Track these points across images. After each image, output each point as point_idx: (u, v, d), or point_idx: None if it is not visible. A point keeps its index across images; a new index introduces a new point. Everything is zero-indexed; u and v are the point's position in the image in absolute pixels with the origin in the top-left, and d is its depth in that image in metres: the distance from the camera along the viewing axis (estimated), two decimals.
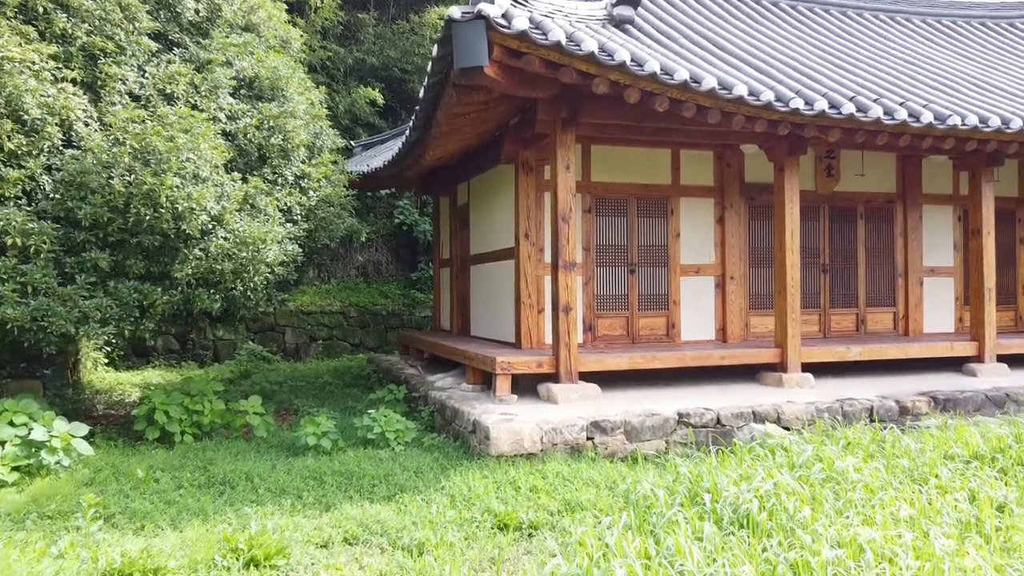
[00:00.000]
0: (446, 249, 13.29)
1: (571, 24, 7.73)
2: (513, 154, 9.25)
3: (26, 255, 6.75)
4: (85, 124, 7.17)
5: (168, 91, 7.76)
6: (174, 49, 8.31)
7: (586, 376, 8.18)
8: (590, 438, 7.00)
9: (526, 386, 8.46)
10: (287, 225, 8.47)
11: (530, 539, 5.13)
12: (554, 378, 8.07)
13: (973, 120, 8.36)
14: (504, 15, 6.68)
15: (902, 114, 8.09)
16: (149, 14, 7.97)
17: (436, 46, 7.08)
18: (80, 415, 9.45)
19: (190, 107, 7.73)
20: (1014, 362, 10.02)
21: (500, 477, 6.15)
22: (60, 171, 6.87)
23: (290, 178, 8.81)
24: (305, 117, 9.05)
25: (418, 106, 8.65)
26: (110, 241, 7.09)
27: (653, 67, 7.06)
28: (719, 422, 7.44)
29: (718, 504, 4.69)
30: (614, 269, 9.81)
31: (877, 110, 7.98)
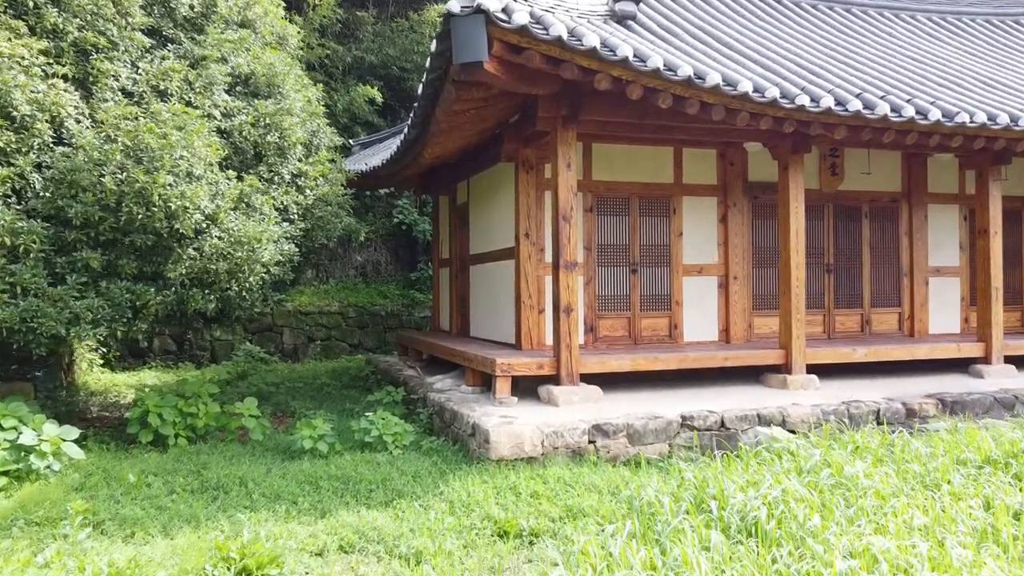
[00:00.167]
0: (445, 249, 13.14)
1: (572, 19, 7.59)
2: (513, 152, 9.11)
3: (15, 255, 6.60)
4: (76, 121, 7.02)
5: (162, 88, 7.61)
6: (168, 45, 8.16)
7: (587, 378, 8.03)
8: (592, 441, 6.85)
9: (526, 388, 8.32)
10: (283, 224, 8.32)
11: (531, 547, 4.99)
12: (555, 380, 7.92)
13: (981, 117, 8.22)
14: (504, 9, 6.53)
15: (909, 111, 7.95)
16: (142, 9, 7.82)
17: (435, 41, 6.93)
18: (74, 417, 9.31)
19: (184, 104, 7.58)
20: (1022, 364, 9.88)
21: (500, 482, 6.00)
22: (50, 169, 6.71)
23: (287, 176, 8.66)
24: (302, 114, 8.91)
25: (416, 103, 8.50)
26: (102, 240, 6.94)
27: (656, 63, 6.92)
28: (723, 425, 7.29)
29: (725, 512, 4.55)
30: (616, 269, 9.67)
31: (884, 107, 7.84)
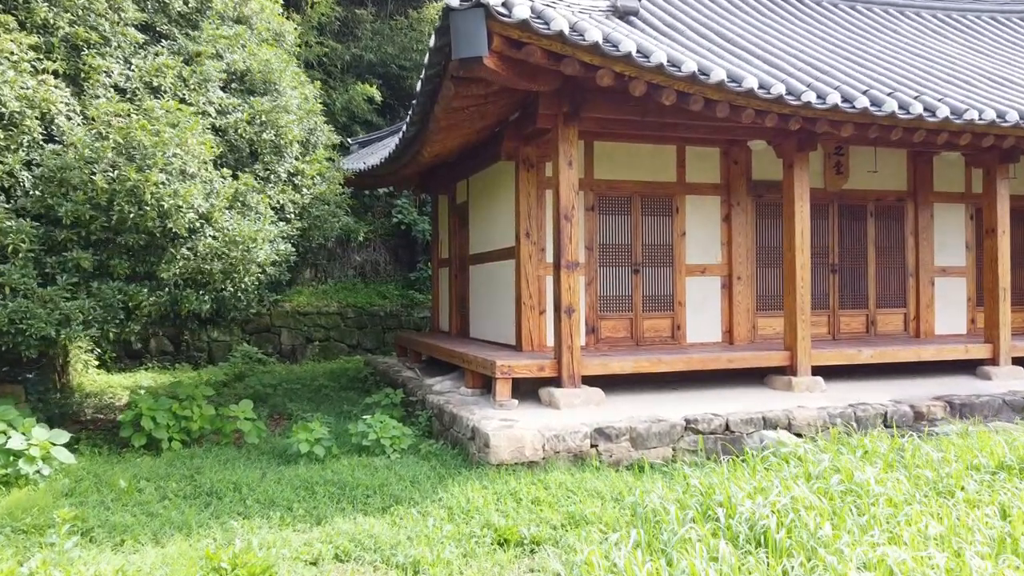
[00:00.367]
0: (445, 248, 12.99)
1: (574, 14, 7.43)
2: (513, 150, 8.97)
3: (4, 255, 6.44)
4: (67, 118, 6.86)
5: (155, 84, 7.45)
6: (162, 41, 8.01)
7: (589, 380, 7.89)
8: (594, 445, 6.71)
9: (527, 390, 8.17)
10: (279, 224, 8.16)
11: (532, 556, 4.84)
12: (556, 382, 7.78)
13: (991, 115, 8.07)
14: (504, 3, 6.38)
15: (917, 108, 7.80)
16: (136, 4, 7.66)
17: (433, 36, 6.78)
18: (67, 420, 9.16)
19: (178, 101, 7.43)
20: None
21: (500, 488, 5.85)
22: (40, 167, 6.55)
23: (283, 175, 8.51)
24: (299, 112, 8.75)
25: (415, 100, 8.35)
26: (93, 240, 6.79)
27: (660, 58, 6.77)
28: (728, 428, 7.15)
29: (733, 520, 4.39)
30: (618, 269, 9.52)
31: (892, 104, 7.69)
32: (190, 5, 8.27)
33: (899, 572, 3.62)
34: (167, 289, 7.22)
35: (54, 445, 6.43)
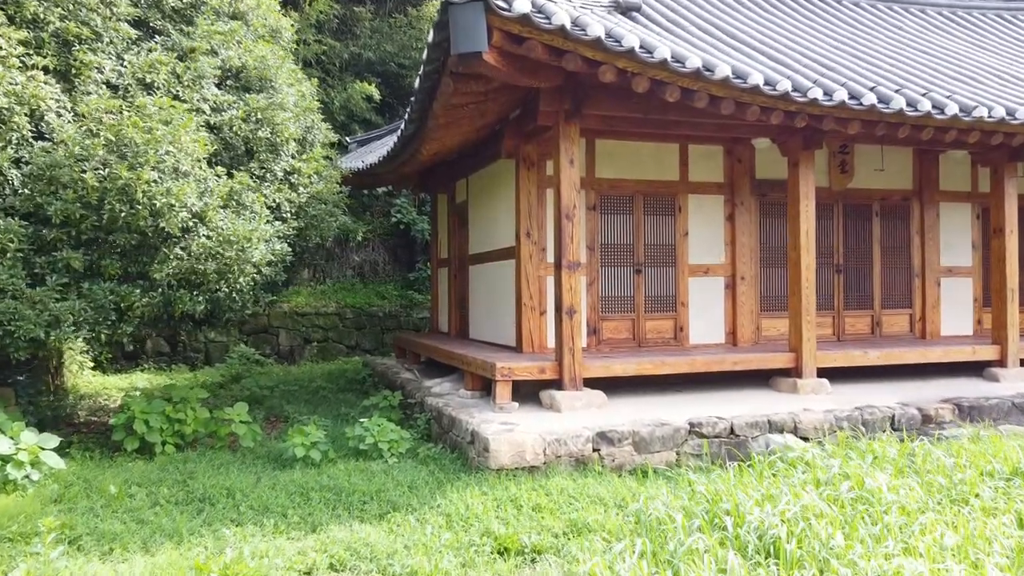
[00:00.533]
0: (444, 248, 12.84)
1: (576, 8, 7.28)
2: (514, 149, 8.82)
3: None
4: (57, 115, 6.71)
5: (148, 80, 7.30)
6: (155, 37, 7.85)
7: (590, 382, 7.74)
8: (596, 449, 6.55)
9: (527, 392, 8.02)
10: (275, 223, 8.01)
11: (533, 565, 4.69)
12: (557, 384, 7.63)
13: (1000, 112, 7.92)
14: None
15: (926, 105, 7.65)
16: None
17: (432, 31, 6.63)
18: (60, 422, 9.02)
19: (171, 97, 7.27)
20: None
21: (500, 494, 5.70)
22: (29, 164, 6.40)
23: (279, 173, 8.35)
24: (295, 109, 8.59)
25: (413, 97, 8.20)
26: (83, 240, 6.63)
27: (664, 54, 6.62)
28: (733, 432, 6.99)
29: (741, 529, 4.24)
30: (619, 269, 9.37)
31: (900, 101, 7.54)
32: (184, 0, 8.12)
33: None
34: (160, 290, 7.07)
35: (43, 449, 6.28)
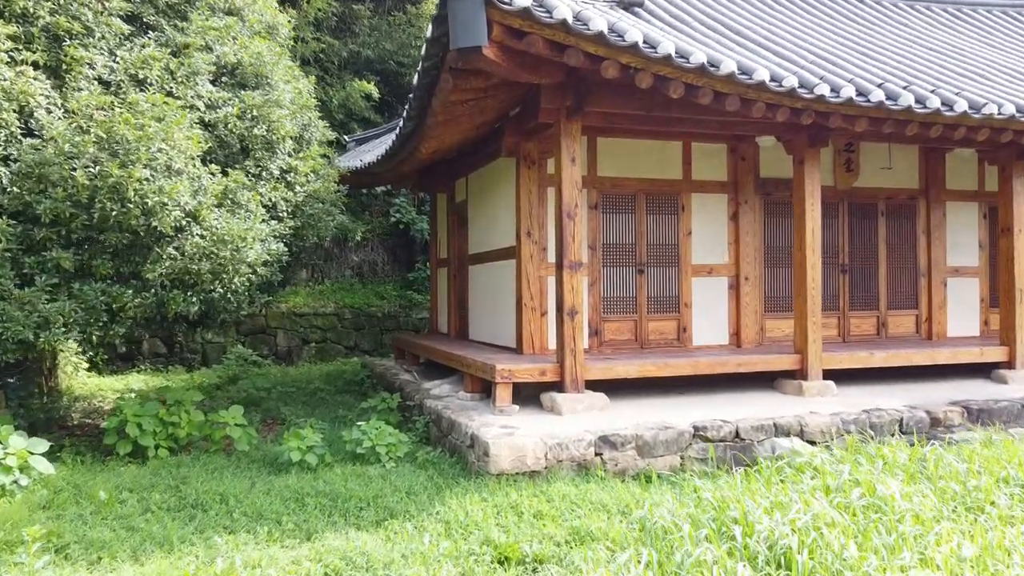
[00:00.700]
0: (443, 248, 12.68)
1: (578, 3, 7.13)
2: (514, 147, 8.67)
3: None
4: (47, 111, 6.56)
5: (141, 77, 7.14)
6: (149, 32, 7.70)
7: (592, 384, 7.58)
8: (599, 454, 6.40)
9: (528, 395, 7.88)
10: (271, 222, 7.86)
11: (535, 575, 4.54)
12: (558, 387, 7.48)
13: (1010, 109, 7.76)
14: None
15: (935, 102, 7.49)
16: None
17: (430, 25, 6.48)
18: (52, 425, 8.87)
19: (165, 94, 7.12)
20: None
21: (501, 500, 5.55)
22: (17, 162, 6.25)
23: (275, 172, 8.20)
24: (291, 107, 8.43)
25: (412, 94, 8.05)
26: (74, 239, 6.48)
27: (668, 49, 6.47)
28: (738, 435, 6.84)
29: (751, 539, 4.09)
30: (621, 269, 9.21)
31: (908, 97, 7.39)
32: None
33: None
34: (153, 290, 6.91)
35: (32, 454, 6.13)
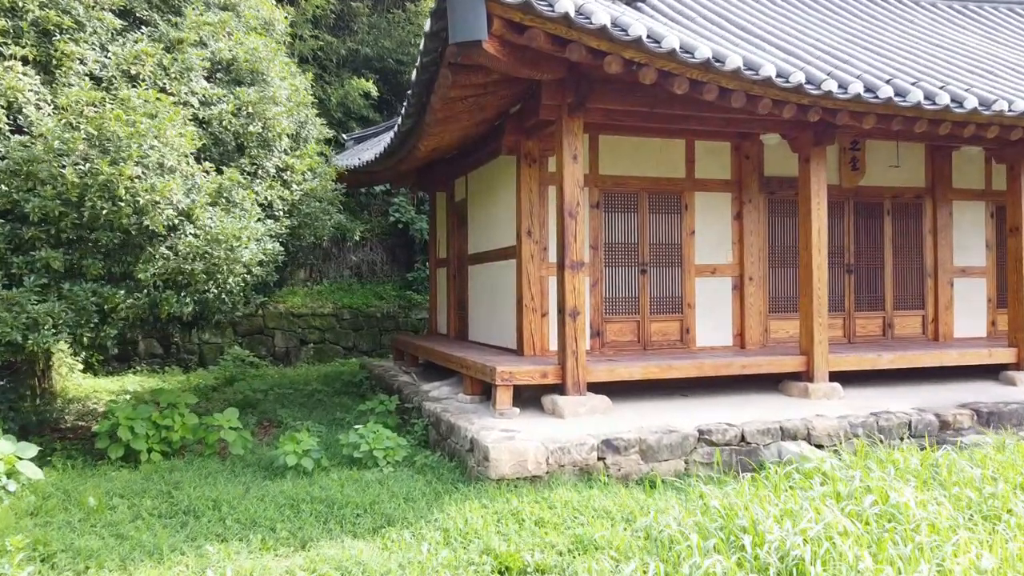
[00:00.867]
0: (443, 248, 12.53)
1: None
2: (515, 144, 8.51)
3: None
4: (36, 107, 6.40)
5: (133, 72, 6.98)
6: (142, 27, 7.55)
7: (594, 387, 7.43)
8: (601, 458, 6.25)
9: (529, 397, 7.72)
10: (267, 221, 7.69)
11: None
12: (560, 389, 7.32)
13: (1021, 105, 7.61)
14: None
15: (944, 99, 7.34)
16: None
17: (429, 19, 6.32)
18: (45, 428, 8.72)
19: (157, 90, 6.97)
20: None
21: (501, 506, 5.40)
22: (5, 159, 6.10)
23: (271, 170, 8.04)
24: (288, 104, 8.28)
25: (410, 91, 7.89)
26: (63, 238, 6.32)
27: (672, 43, 6.31)
28: (744, 439, 6.69)
29: (761, 550, 3.94)
30: (624, 269, 9.06)
31: (917, 94, 7.23)
32: None
33: None
34: (145, 291, 6.75)
35: (20, 459, 5.98)
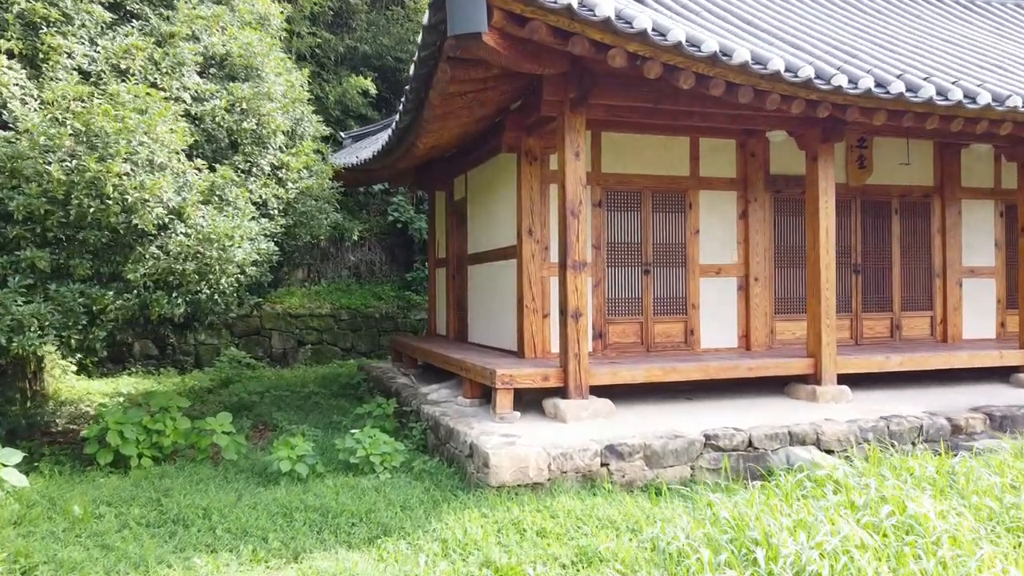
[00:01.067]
0: (442, 248, 12.33)
1: None
2: (515, 142, 8.31)
3: None
4: (22, 102, 6.21)
5: (123, 67, 6.80)
6: (132, 21, 7.35)
7: (597, 390, 7.24)
8: (605, 464, 6.05)
9: (530, 400, 7.53)
10: (261, 220, 7.50)
11: None
12: (562, 392, 7.13)
13: None
14: None
15: (957, 94, 7.14)
16: None
17: (428, 12, 6.13)
18: (35, 431, 8.54)
19: (148, 85, 6.77)
20: None
21: (501, 516, 5.20)
22: None
23: (266, 168, 7.85)
24: (283, 100, 8.09)
25: (408, 86, 7.70)
26: (50, 237, 6.13)
27: (678, 36, 6.12)
28: (751, 444, 6.50)
29: (775, 565, 3.74)
30: (627, 270, 8.86)
31: (929, 89, 7.04)
32: None
33: None
34: (135, 291, 6.56)
35: (4, 466, 5.78)
